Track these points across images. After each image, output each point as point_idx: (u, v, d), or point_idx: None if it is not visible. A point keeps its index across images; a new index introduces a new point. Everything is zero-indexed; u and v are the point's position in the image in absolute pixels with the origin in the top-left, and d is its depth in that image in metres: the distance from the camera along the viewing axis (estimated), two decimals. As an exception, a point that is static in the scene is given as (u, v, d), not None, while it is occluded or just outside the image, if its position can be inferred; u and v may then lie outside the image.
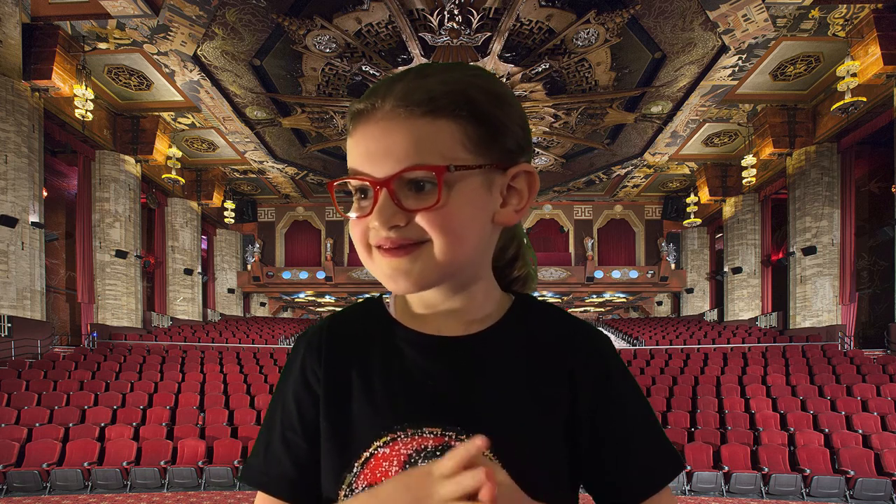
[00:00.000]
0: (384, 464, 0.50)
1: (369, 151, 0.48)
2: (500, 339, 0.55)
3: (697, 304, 21.05)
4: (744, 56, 10.88)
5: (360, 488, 0.50)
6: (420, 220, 0.48)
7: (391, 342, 0.56)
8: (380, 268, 0.51)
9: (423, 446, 0.50)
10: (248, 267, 21.68)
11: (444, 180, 0.47)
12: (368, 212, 0.48)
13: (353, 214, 0.51)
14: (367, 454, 0.51)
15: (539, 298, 0.61)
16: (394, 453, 0.50)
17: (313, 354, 0.56)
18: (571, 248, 22.20)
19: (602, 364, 0.54)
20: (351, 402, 0.53)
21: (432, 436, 0.50)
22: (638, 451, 0.53)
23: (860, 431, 7.73)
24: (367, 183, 0.48)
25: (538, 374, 0.53)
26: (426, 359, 0.54)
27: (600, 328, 0.58)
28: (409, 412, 0.51)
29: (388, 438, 0.51)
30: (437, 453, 0.49)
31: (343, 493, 0.52)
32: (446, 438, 0.50)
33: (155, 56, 11.13)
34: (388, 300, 0.61)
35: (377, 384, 0.53)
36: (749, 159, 14.23)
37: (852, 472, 6.73)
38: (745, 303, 17.45)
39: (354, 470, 0.51)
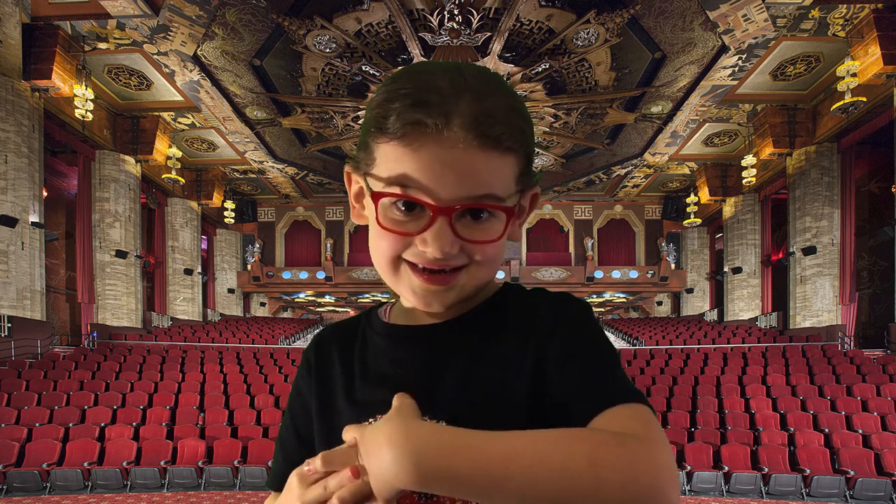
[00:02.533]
0: None
1: (436, 175, 0.46)
2: (472, 322, 0.56)
3: (697, 304, 21.05)
4: (744, 56, 10.88)
5: None
6: (472, 248, 0.49)
7: (368, 339, 0.60)
8: (409, 286, 0.52)
9: None
10: (248, 267, 21.68)
11: (510, 221, 0.50)
12: (418, 231, 0.48)
13: (390, 226, 0.49)
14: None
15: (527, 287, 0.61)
16: None
17: (304, 368, 0.62)
18: (571, 248, 22.20)
19: (558, 322, 0.52)
20: (337, 403, 0.57)
21: None
22: (578, 386, 0.49)
23: (860, 431, 7.73)
24: (427, 206, 0.47)
25: (504, 353, 0.53)
26: (396, 348, 0.57)
27: (578, 297, 0.55)
28: (379, 401, 0.53)
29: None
30: None
31: None
32: None
33: (155, 56, 11.13)
34: (386, 306, 0.64)
35: (357, 379, 0.57)
36: (749, 159, 14.22)
37: (852, 472, 6.74)
38: (745, 303, 17.45)
39: None
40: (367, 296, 23.37)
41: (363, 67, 11.91)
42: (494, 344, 0.54)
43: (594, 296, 23.73)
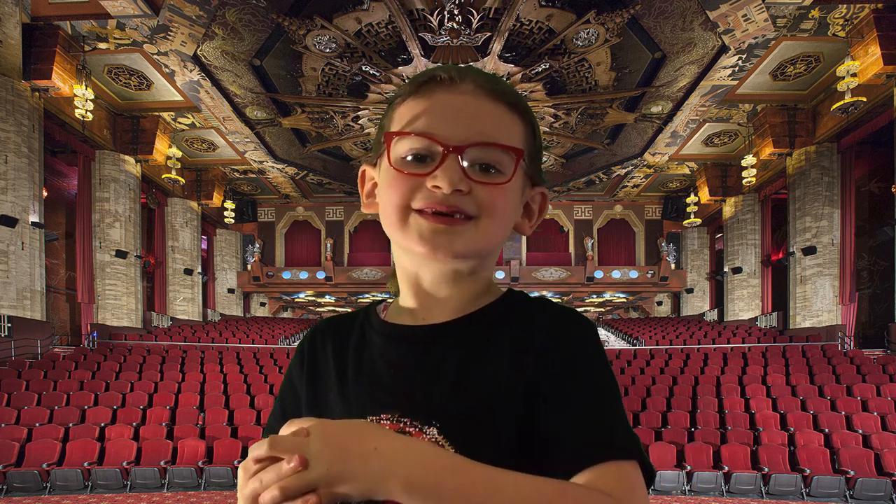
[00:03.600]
0: None
1: (448, 117, 0.50)
2: (472, 325, 0.55)
3: (697, 304, 21.05)
4: (744, 56, 10.87)
5: None
6: (481, 192, 0.50)
7: (366, 335, 0.59)
8: (418, 230, 0.51)
9: None
10: (248, 267, 21.68)
11: (518, 163, 0.52)
12: (428, 172, 0.50)
13: (401, 169, 0.52)
14: None
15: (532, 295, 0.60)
16: None
17: (298, 359, 0.62)
18: (571, 248, 22.20)
19: (559, 342, 0.51)
20: (329, 396, 0.57)
21: (388, 422, 0.52)
22: (571, 427, 0.48)
23: (860, 431, 7.73)
24: (437, 145, 0.49)
25: (503, 362, 0.52)
26: (392, 347, 0.57)
27: (585, 315, 0.54)
28: (372, 399, 0.54)
29: None
30: None
31: None
32: (401, 424, 0.51)
33: (155, 56, 11.13)
34: (388, 302, 0.64)
35: (350, 376, 0.57)
36: (749, 159, 14.22)
37: (852, 472, 6.73)
38: (745, 303, 17.44)
39: None
40: (366, 296, 23.35)
41: (363, 67, 11.91)
42: (492, 351, 0.53)
43: (594, 296, 23.73)
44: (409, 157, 0.51)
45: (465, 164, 0.50)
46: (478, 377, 0.52)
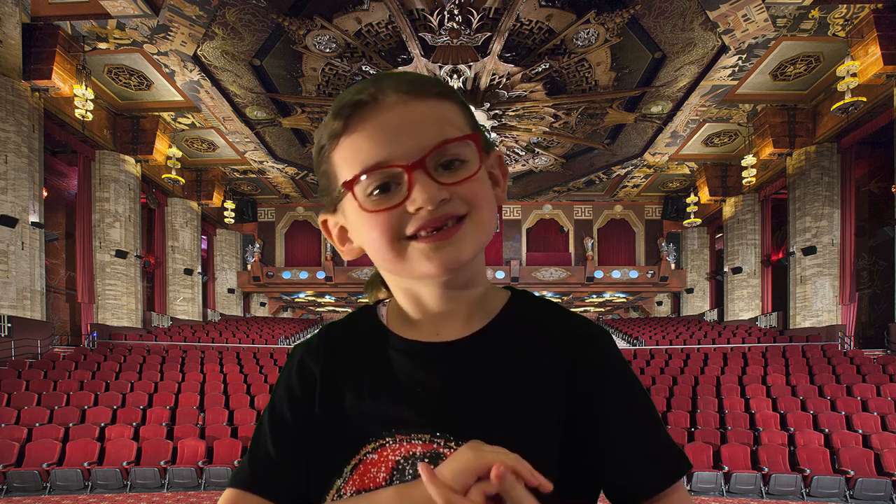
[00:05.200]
0: (373, 469, 0.50)
1: (391, 137, 0.48)
2: (494, 339, 0.54)
3: (697, 304, 21.05)
4: (744, 56, 10.88)
5: (349, 493, 0.51)
6: (462, 190, 0.49)
7: (382, 350, 0.56)
8: (422, 255, 0.49)
9: (411, 452, 0.50)
10: (248, 267, 21.68)
11: (480, 148, 0.50)
12: (403, 199, 0.48)
13: (373, 207, 0.49)
14: (356, 460, 0.51)
15: (536, 295, 0.60)
16: (382, 459, 0.50)
17: (311, 356, 0.58)
18: (571, 248, 22.20)
19: (600, 362, 0.53)
20: (343, 409, 0.54)
21: (421, 442, 0.50)
22: (642, 450, 0.52)
23: (860, 431, 7.73)
24: (397, 169, 0.47)
25: (533, 374, 0.52)
26: (416, 366, 0.54)
27: (601, 326, 0.56)
28: (398, 418, 0.51)
29: (377, 444, 0.51)
30: (426, 459, 0.49)
31: (332, 497, 0.52)
32: (435, 445, 0.50)
33: (155, 56, 11.13)
34: (382, 307, 0.62)
35: (367, 391, 0.54)
36: (749, 159, 14.22)
37: (852, 472, 6.73)
38: (745, 303, 17.44)
39: (344, 475, 0.52)
40: (366, 296, 23.32)
41: (363, 67, 11.91)
42: (519, 368, 0.53)
43: (594, 296, 23.72)
44: (375, 193, 0.49)
45: (431, 171, 0.48)
46: (509, 393, 0.52)
